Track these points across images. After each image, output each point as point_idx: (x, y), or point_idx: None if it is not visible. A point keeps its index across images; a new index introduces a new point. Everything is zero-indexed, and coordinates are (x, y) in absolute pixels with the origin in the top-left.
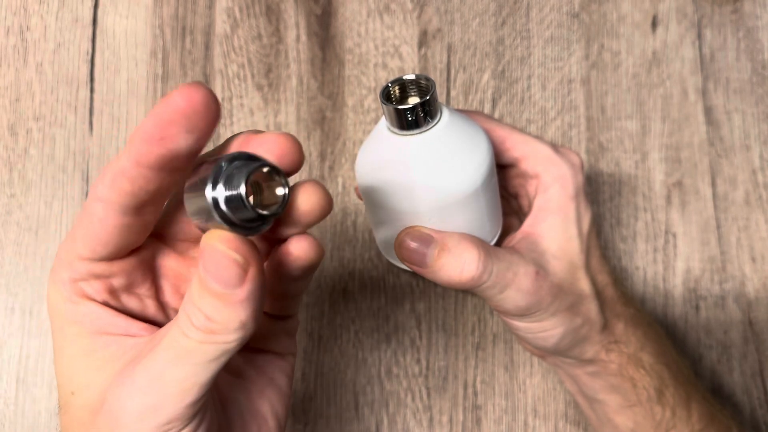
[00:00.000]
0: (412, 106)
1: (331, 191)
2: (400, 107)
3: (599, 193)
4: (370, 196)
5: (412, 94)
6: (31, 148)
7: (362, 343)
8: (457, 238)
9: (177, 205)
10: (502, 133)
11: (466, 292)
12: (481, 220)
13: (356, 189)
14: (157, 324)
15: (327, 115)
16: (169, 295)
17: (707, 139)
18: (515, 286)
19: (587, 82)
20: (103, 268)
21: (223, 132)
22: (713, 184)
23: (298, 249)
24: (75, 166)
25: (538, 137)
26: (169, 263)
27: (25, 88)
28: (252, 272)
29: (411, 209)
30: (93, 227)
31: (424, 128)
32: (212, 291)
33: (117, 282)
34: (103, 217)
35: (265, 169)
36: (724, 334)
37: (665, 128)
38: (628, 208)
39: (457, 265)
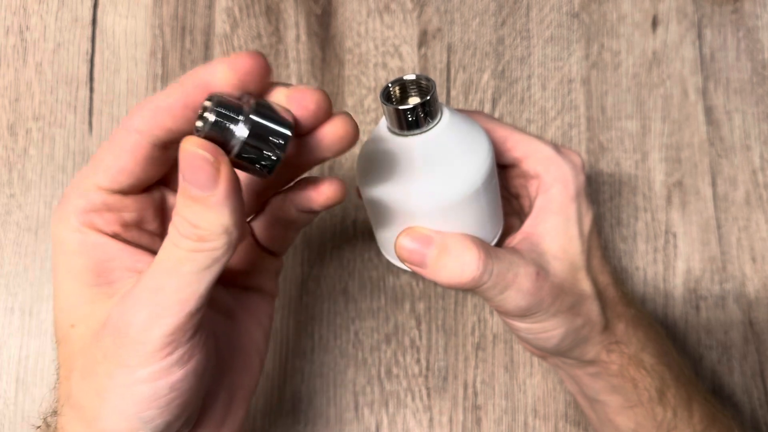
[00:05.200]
0: (413, 107)
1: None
2: (401, 107)
3: (599, 193)
4: (370, 197)
5: (413, 94)
6: (30, 148)
7: (362, 343)
8: (458, 239)
9: None
10: (503, 133)
11: (466, 292)
12: (482, 220)
13: (356, 189)
14: None
15: None
16: None
17: (707, 139)
18: (516, 287)
19: (587, 82)
20: (117, 200)
21: None
22: (713, 184)
23: (331, 189)
24: (75, 166)
25: (540, 137)
26: None
27: (24, 87)
28: (224, 171)
29: (411, 209)
30: (121, 156)
31: (424, 128)
32: (192, 197)
33: (129, 216)
34: (133, 147)
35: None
36: (725, 334)
37: (665, 128)
38: (629, 208)
39: (457, 265)
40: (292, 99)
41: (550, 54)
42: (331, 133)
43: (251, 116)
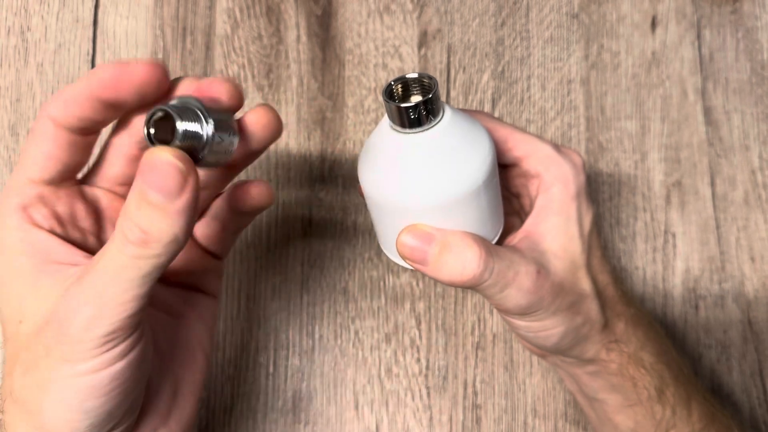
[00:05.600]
0: (415, 104)
1: (331, 191)
2: (403, 105)
3: (599, 193)
4: (372, 194)
5: (415, 92)
6: None
7: (362, 342)
8: (459, 236)
9: (118, 154)
10: (504, 133)
11: (465, 292)
12: (483, 218)
13: (359, 188)
14: None
15: (327, 116)
16: (109, 233)
17: (706, 139)
18: (516, 285)
19: (587, 83)
20: (50, 192)
21: None
22: (712, 184)
23: (257, 191)
24: None
25: (540, 137)
26: (112, 204)
27: (26, 88)
28: (191, 181)
29: (413, 207)
30: (44, 144)
31: (426, 126)
32: (151, 202)
33: (62, 210)
34: (54, 135)
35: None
36: (724, 333)
37: (664, 128)
38: (628, 208)
39: (458, 263)
40: (203, 91)
41: (550, 54)
42: (253, 122)
43: (210, 117)
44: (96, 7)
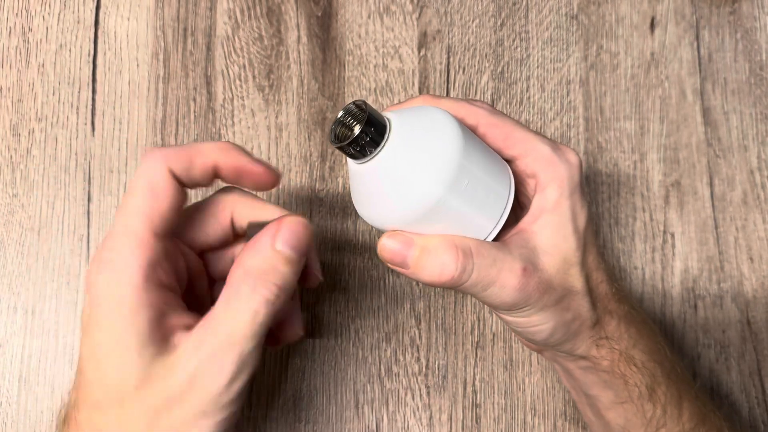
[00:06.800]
0: (351, 141)
1: (331, 191)
2: (342, 145)
3: (598, 194)
4: (362, 216)
5: (354, 124)
6: (33, 149)
7: (362, 342)
8: (438, 240)
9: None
10: (505, 130)
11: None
12: (471, 213)
13: None
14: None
15: (328, 116)
16: (198, 287)
17: (705, 139)
18: (499, 283)
19: (586, 83)
20: (171, 246)
21: (224, 132)
22: (711, 184)
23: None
24: (77, 166)
25: (539, 134)
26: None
27: (27, 88)
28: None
29: (390, 226)
30: (167, 199)
31: (372, 155)
32: (288, 259)
33: (179, 265)
34: (174, 191)
35: None
36: (722, 333)
37: (663, 129)
38: (627, 208)
39: (436, 265)
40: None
41: (549, 55)
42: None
43: None
44: (97, 8)
